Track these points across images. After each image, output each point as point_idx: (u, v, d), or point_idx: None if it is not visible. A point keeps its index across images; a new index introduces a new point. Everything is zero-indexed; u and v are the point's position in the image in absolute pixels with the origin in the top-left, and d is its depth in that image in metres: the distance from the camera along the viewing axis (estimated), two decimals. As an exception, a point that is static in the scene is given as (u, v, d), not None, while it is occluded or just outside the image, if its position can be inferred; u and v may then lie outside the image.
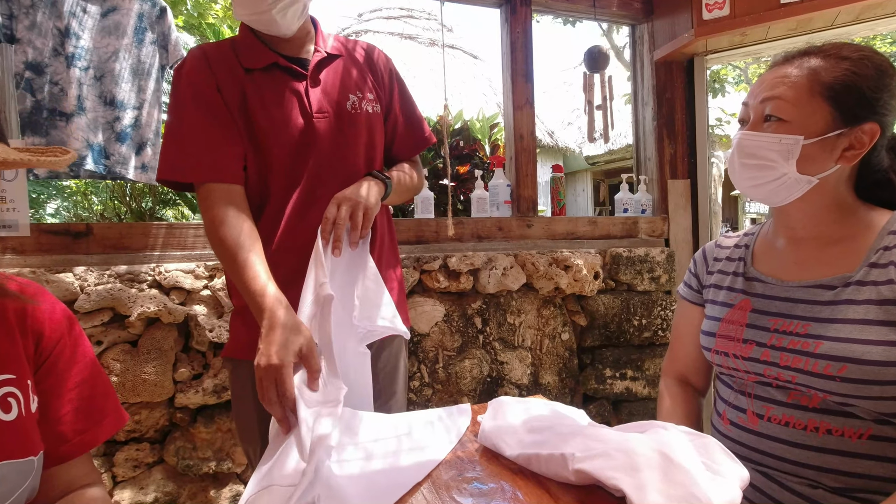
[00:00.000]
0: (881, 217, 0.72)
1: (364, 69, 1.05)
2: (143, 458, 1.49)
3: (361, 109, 1.00)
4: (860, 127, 0.70)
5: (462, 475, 0.67)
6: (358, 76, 1.03)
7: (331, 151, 0.97)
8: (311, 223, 0.94)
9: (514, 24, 1.99)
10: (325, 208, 0.94)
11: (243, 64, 0.94)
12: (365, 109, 1.01)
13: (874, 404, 0.64)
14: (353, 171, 0.99)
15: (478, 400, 1.83)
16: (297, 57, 0.99)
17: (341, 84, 1.01)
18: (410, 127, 1.11)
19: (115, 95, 1.49)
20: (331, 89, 0.99)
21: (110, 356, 1.44)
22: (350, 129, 0.99)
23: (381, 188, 0.96)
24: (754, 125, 0.75)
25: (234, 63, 0.94)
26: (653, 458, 0.54)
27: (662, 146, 2.18)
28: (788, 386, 0.71)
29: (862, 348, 0.64)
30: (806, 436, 0.69)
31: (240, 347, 0.98)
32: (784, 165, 0.71)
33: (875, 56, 0.71)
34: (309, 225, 0.94)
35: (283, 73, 0.96)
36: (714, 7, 1.88)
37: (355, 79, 1.02)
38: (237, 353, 0.98)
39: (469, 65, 7.99)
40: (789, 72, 0.73)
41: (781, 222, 0.80)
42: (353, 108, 1.00)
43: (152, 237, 1.55)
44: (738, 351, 0.76)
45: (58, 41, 1.42)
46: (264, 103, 0.93)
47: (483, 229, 1.90)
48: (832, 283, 0.71)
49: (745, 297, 0.80)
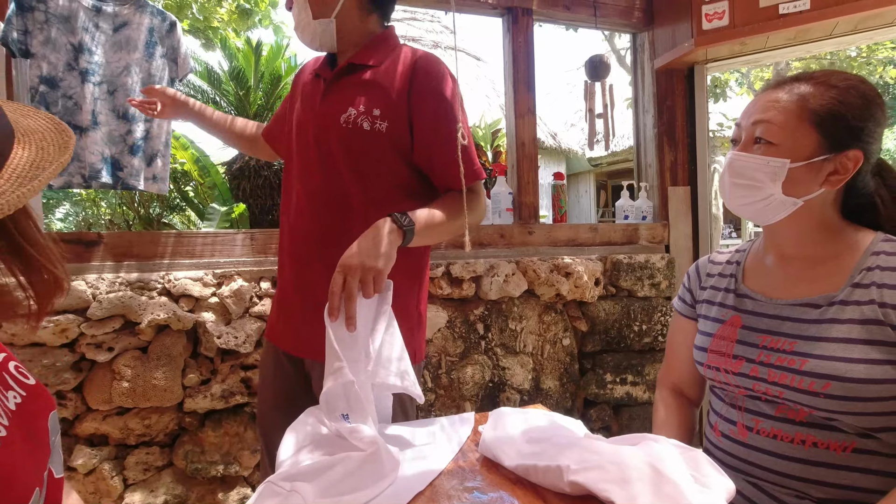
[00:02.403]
0: (865, 237, 0.75)
1: (388, 81, 0.96)
2: (153, 462, 1.53)
3: (355, 125, 0.95)
4: (845, 153, 0.72)
5: (463, 484, 0.70)
6: (371, 89, 0.97)
7: (302, 161, 1.03)
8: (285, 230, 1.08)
9: (516, 33, 2.01)
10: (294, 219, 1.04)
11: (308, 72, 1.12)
12: (360, 125, 0.94)
13: (857, 419, 0.67)
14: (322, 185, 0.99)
15: (480, 405, 1.86)
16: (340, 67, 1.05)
17: (346, 96, 0.97)
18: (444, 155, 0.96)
19: (127, 109, 1.53)
20: (335, 100, 0.98)
21: (121, 362, 1.48)
22: (331, 144, 0.96)
23: (397, 236, 0.85)
24: (745, 146, 0.78)
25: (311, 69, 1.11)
26: (644, 470, 0.57)
27: (663, 153, 2.20)
28: (776, 400, 0.74)
29: (845, 366, 0.67)
30: (793, 448, 0.72)
31: (269, 327, 1.14)
32: (771, 187, 0.74)
33: (862, 85, 0.74)
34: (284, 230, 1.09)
35: (317, 80, 1.06)
36: (714, 17, 1.91)
37: (365, 91, 0.97)
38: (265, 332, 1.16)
39: (472, 66, 8.02)
40: (780, 96, 0.75)
41: (771, 240, 0.83)
42: (345, 122, 0.95)
43: (162, 245, 1.59)
44: (729, 366, 0.79)
45: (71, 56, 1.46)
46: (293, 103, 1.11)
47: (485, 237, 1.93)
48: (818, 302, 0.74)
49: (735, 313, 0.83)
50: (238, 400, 1.59)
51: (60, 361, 1.43)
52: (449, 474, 0.73)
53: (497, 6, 2.00)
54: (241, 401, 1.59)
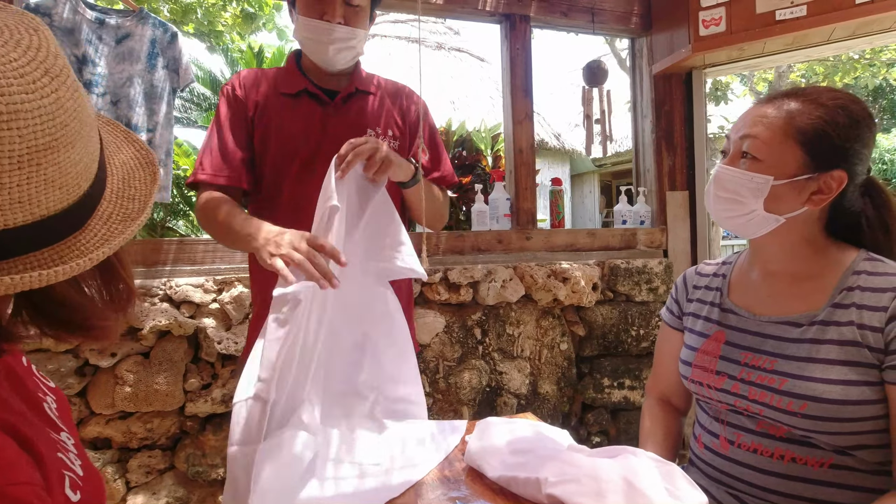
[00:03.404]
0: (848, 256, 0.75)
1: (392, 107, 1.11)
2: (155, 465, 1.57)
3: None
4: (829, 173, 0.72)
5: (447, 495, 0.72)
6: (383, 113, 1.09)
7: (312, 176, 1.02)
8: None
9: (514, 40, 2.03)
10: None
11: (280, 89, 1.06)
12: None
13: (833, 438, 0.68)
14: None
15: (477, 409, 1.88)
16: (328, 88, 1.07)
17: (363, 118, 1.07)
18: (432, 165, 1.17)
19: (130, 119, 1.56)
20: (353, 121, 1.06)
21: (124, 367, 1.51)
22: None
23: (409, 168, 1.00)
24: (732, 160, 0.78)
25: (271, 86, 1.06)
26: (618, 484, 0.59)
27: (661, 158, 2.21)
28: (757, 416, 0.75)
29: (822, 387, 0.68)
30: (772, 463, 0.73)
31: None
32: (753, 202, 0.75)
33: (852, 105, 0.72)
34: None
35: (310, 99, 1.05)
36: (710, 23, 1.91)
37: (379, 115, 1.09)
38: None
39: (476, 68, 8.03)
40: (768, 112, 0.75)
41: (756, 255, 0.84)
42: None
43: (164, 252, 1.62)
44: (712, 382, 0.80)
45: (75, 68, 1.50)
46: (282, 123, 1.04)
47: (483, 242, 1.95)
48: (799, 321, 0.75)
49: (719, 328, 0.84)
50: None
51: (64, 367, 1.46)
52: (434, 484, 0.75)
53: (495, 13, 2.01)
54: (241, 405, 1.61)
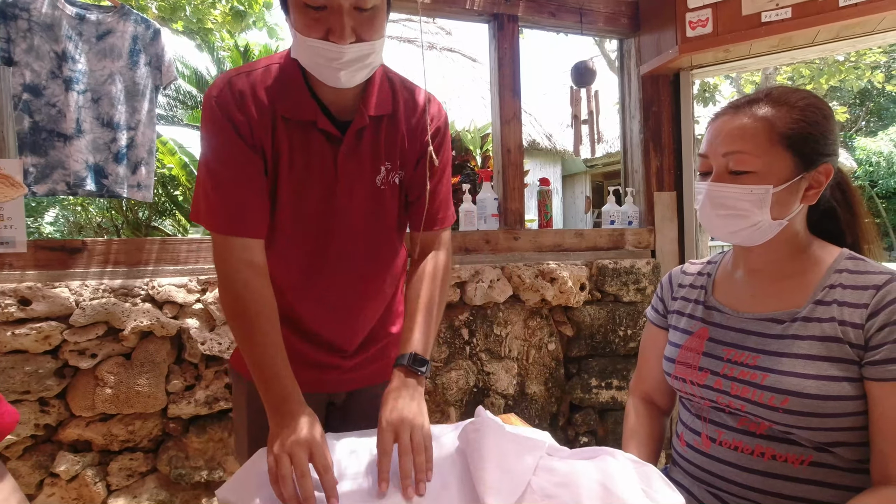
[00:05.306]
0: (830, 254, 0.76)
1: (404, 131, 0.92)
2: (136, 468, 1.54)
3: (389, 182, 0.93)
4: (817, 169, 0.74)
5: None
6: (397, 140, 0.92)
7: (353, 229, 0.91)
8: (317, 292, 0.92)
9: (502, 39, 2.03)
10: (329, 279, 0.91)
11: (280, 111, 0.83)
12: (392, 181, 0.93)
13: (813, 434, 0.69)
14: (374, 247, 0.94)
15: (464, 410, 1.87)
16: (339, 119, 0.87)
17: (377, 151, 0.90)
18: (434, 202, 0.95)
19: (111, 117, 1.54)
20: (364, 156, 0.89)
21: (104, 369, 1.49)
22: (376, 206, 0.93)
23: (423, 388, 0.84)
24: (720, 177, 0.77)
25: (269, 106, 0.83)
26: (595, 491, 0.59)
27: (649, 158, 2.22)
28: (738, 413, 0.75)
29: (803, 382, 0.69)
30: (753, 460, 0.73)
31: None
32: (758, 213, 0.74)
33: (818, 101, 0.76)
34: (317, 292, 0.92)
35: (320, 134, 0.85)
36: (697, 25, 1.92)
37: (393, 143, 0.92)
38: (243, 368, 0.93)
39: (468, 68, 8.03)
40: (745, 123, 0.75)
41: (740, 254, 0.84)
42: (381, 183, 0.92)
43: (146, 252, 1.59)
44: (695, 378, 0.80)
45: (55, 64, 1.47)
46: (293, 164, 0.85)
47: (470, 242, 1.94)
48: (781, 318, 0.75)
49: (703, 325, 0.84)
50: (222, 406, 1.59)
51: (43, 368, 1.43)
52: None
53: (483, 13, 2.01)
54: (225, 406, 1.60)
